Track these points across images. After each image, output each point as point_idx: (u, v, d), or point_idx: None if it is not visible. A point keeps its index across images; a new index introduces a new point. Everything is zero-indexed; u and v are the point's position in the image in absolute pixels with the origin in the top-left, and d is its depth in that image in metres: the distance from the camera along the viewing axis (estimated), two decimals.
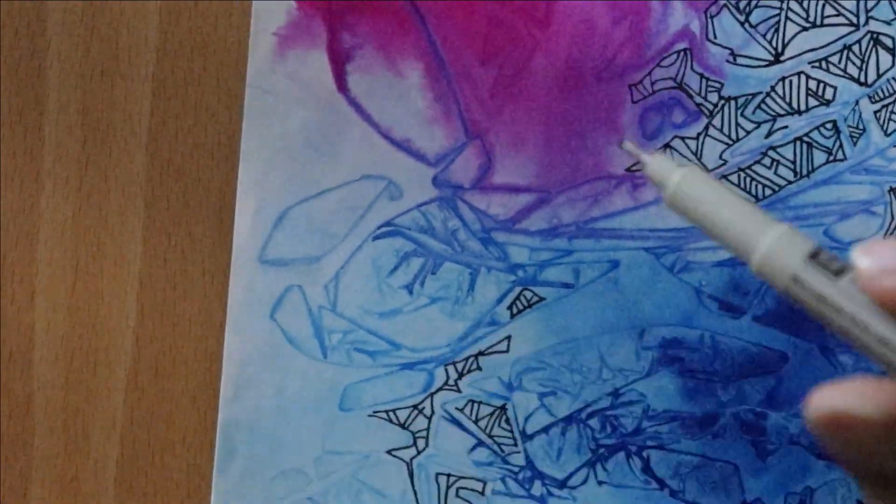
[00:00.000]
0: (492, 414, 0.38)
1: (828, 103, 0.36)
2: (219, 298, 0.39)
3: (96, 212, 0.39)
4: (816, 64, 0.36)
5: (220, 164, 0.39)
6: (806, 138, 0.36)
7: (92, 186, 0.39)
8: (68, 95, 0.39)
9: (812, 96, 0.36)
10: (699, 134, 0.36)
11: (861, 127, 0.36)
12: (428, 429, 0.38)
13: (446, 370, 0.38)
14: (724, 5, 0.36)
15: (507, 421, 0.38)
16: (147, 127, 0.39)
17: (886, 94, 0.36)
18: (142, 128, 0.39)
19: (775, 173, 0.36)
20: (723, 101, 0.36)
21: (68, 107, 0.39)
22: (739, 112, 0.36)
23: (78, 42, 0.39)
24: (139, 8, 0.38)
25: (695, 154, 0.36)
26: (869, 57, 0.36)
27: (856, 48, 0.36)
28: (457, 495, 0.38)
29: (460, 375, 0.38)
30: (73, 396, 0.39)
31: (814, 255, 0.24)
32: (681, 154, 0.36)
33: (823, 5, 0.36)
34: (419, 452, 0.38)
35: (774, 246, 0.25)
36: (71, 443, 0.39)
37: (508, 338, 0.38)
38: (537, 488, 0.38)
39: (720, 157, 0.36)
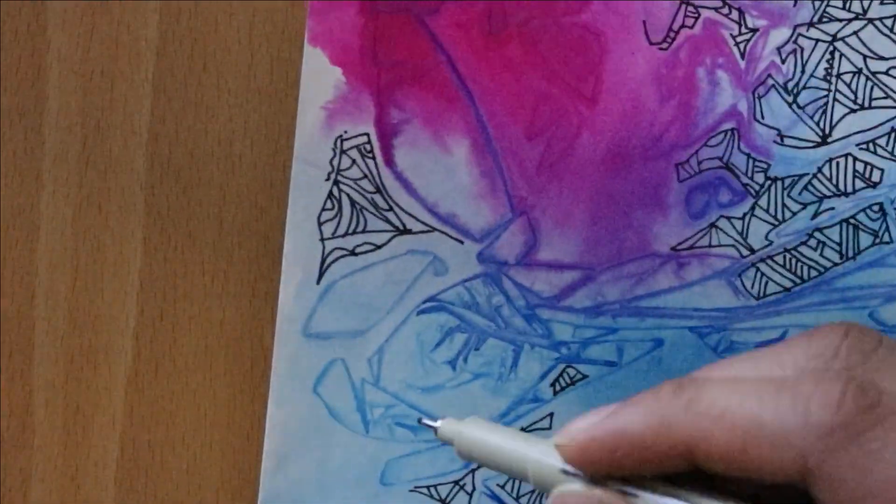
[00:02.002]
0: (533, 491, 0.38)
1: (875, 185, 0.36)
2: (218, 298, 0.39)
3: (96, 212, 0.39)
4: (864, 146, 0.36)
5: (220, 164, 0.39)
6: (852, 220, 0.36)
7: (92, 186, 0.39)
8: (68, 95, 0.39)
9: (859, 178, 0.36)
10: (745, 214, 0.36)
11: None
12: None
13: None
14: (773, 86, 0.36)
15: None
16: (147, 127, 0.39)
17: None
18: (142, 128, 0.39)
19: (821, 255, 0.36)
20: (769, 182, 0.36)
21: (68, 107, 0.39)
22: (786, 193, 0.36)
23: (78, 42, 0.39)
24: (139, 8, 0.38)
25: (740, 234, 0.36)
26: None
27: None
28: None
29: None
30: (73, 396, 0.39)
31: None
32: (726, 233, 0.36)
33: (872, 87, 0.35)
34: None
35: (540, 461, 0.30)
36: (71, 443, 0.39)
37: (551, 415, 0.38)
38: None
39: (766, 237, 0.36)
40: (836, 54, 0.35)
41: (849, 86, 0.36)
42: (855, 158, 0.36)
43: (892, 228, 0.36)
